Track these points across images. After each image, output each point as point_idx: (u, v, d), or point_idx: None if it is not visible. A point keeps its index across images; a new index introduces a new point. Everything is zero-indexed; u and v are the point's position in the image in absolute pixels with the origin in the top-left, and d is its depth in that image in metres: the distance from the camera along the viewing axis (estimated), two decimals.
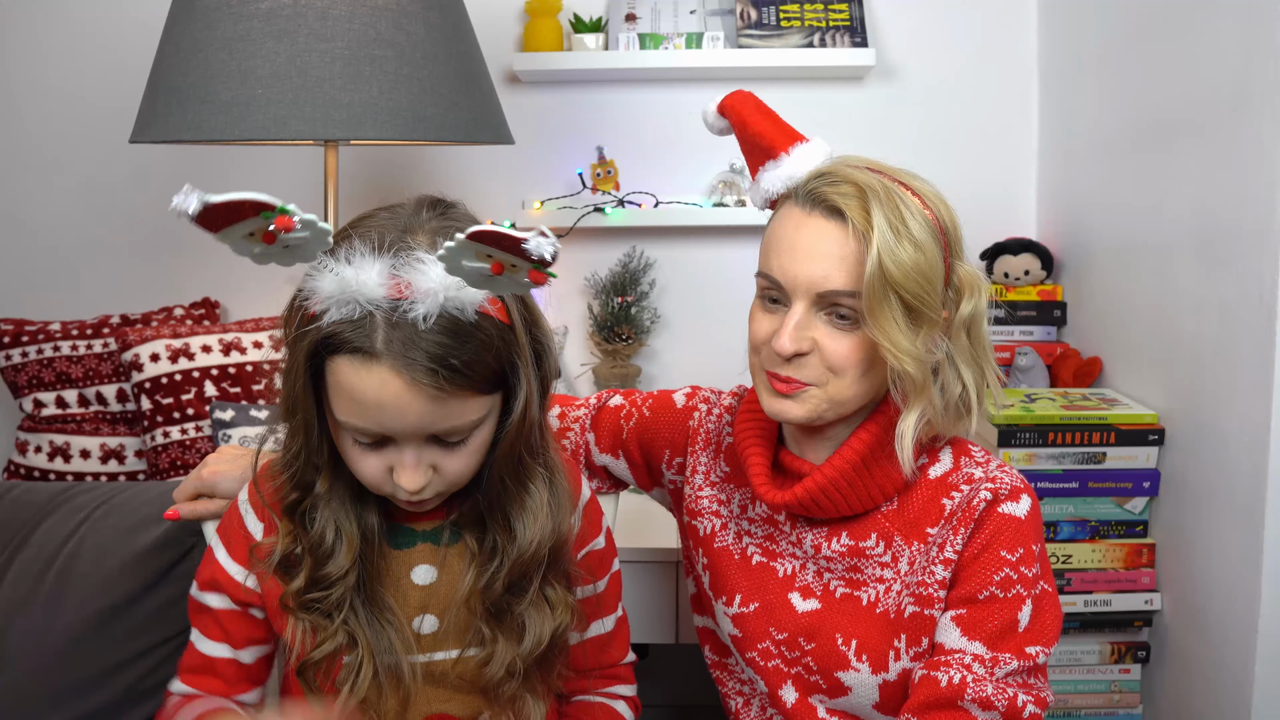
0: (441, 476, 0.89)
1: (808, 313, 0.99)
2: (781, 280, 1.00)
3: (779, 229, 1.02)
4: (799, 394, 1.01)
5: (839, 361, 0.99)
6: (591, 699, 1.11)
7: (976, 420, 1.05)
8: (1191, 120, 1.52)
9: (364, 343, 0.81)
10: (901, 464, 1.02)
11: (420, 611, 0.97)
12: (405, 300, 0.80)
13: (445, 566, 0.98)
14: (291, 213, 0.74)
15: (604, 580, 1.09)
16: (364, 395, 0.82)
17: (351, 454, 0.89)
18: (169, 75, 1.55)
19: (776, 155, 1.05)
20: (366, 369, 0.81)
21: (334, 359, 0.83)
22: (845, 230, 0.97)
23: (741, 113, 1.09)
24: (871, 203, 0.97)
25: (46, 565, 1.30)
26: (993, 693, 0.97)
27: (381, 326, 0.81)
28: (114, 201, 2.17)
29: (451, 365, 0.81)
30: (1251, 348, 1.36)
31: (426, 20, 1.58)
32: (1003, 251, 2.00)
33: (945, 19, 2.11)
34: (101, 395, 1.98)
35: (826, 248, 0.98)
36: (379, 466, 0.88)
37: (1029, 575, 1.01)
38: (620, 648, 1.13)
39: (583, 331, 2.17)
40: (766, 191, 1.06)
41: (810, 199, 1.00)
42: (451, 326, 0.81)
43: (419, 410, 0.83)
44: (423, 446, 0.87)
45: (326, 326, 0.82)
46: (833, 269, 0.97)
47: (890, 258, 0.95)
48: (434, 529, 0.98)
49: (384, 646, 0.93)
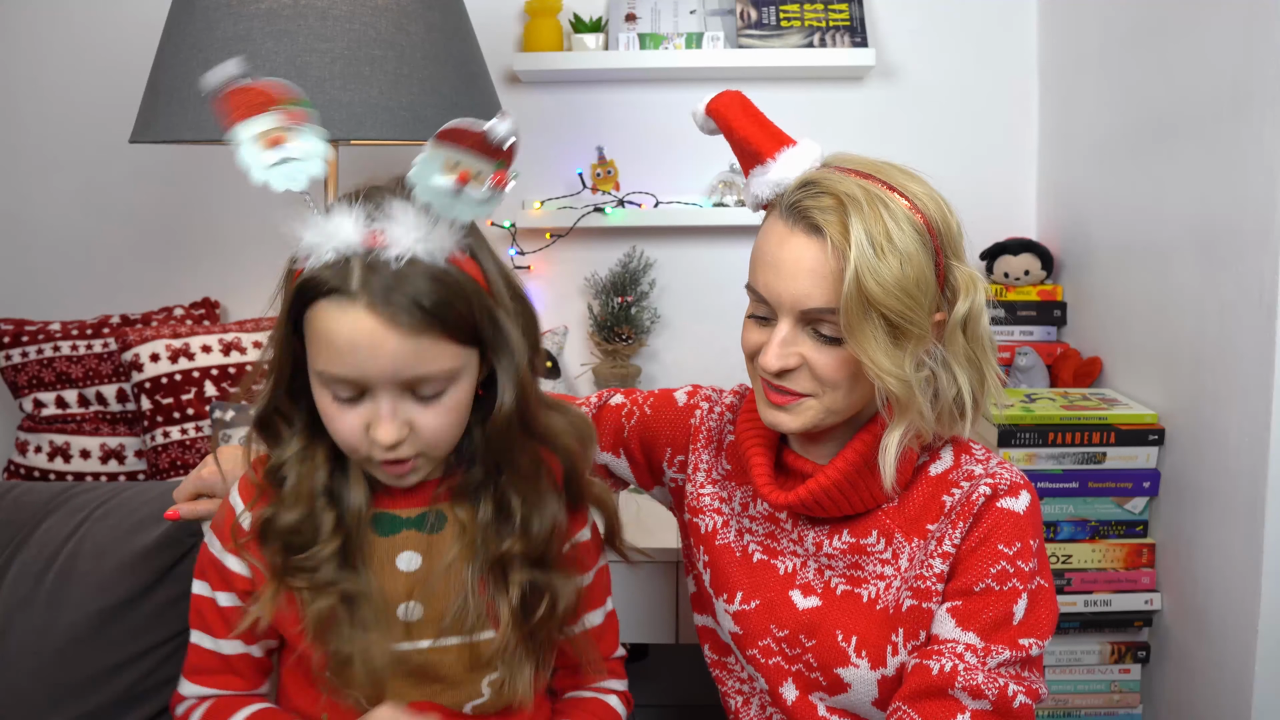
0: (418, 435, 0.90)
1: (793, 329, 1.00)
2: (766, 297, 1.01)
3: (764, 244, 1.02)
4: (794, 406, 1.02)
5: (828, 376, 1.00)
6: (583, 694, 1.11)
7: (971, 424, 1.05)
8: (1191, 120, 1.52)
9: (340, 284, 0.85)
10: (883, 478, 1.01)
11: (405, 599, 0.97)
12: (380, 247, 0.85)
13: (431, 553, 0.98)
14: (309, 107, 0.86)
15: (591, 573, 1.09)
16: (339, 336, 0.85)
17: (330, 411, 0.90)
18: (169, 75, 1.55)
19: (764, 160, 1.04)
20: (342, 310, 0.85)
21: (314, 306, 0.87)
22: (824, 248, 0.96)
23: (728, 117, 1.07)
24: (851, 217, 0.95)
25: (46, 565, 1.30)
26: (983, 682, 0.97)
27: (358, 269, 0.85)
28: (114, 201, 2.17)
29: (424, 306, 0.85)
30: (1251, 348, 1.36)
31: (426, 20, 1.58)
32: (1003, 251, 2.00)
33: (945, 19, 2.11)
34: (101, 395, 1.98)
35: (808, 265, 0.97)
36: (356, 424, 0.89)
37: (1025, 569, 1.01)
38: (610, 642, 1.13)
39: (583, 331, 2.17)
40: (756, 197, 1.06)
41: (792, 214, 0.99)
42: (425, 270, 0.86)
43: (392, 350, 0.85)
44: (398, 398, 0.89)
45: (307, 272, 0.86)
46: (813, 288, 0.97)
47: (871, 275, 0.94)
48: (419, 515, 0.98)
49: (360, 633, 0.93)
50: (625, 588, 1.16)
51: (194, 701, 1.03)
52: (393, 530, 0.98)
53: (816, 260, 0.97)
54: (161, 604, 1.31)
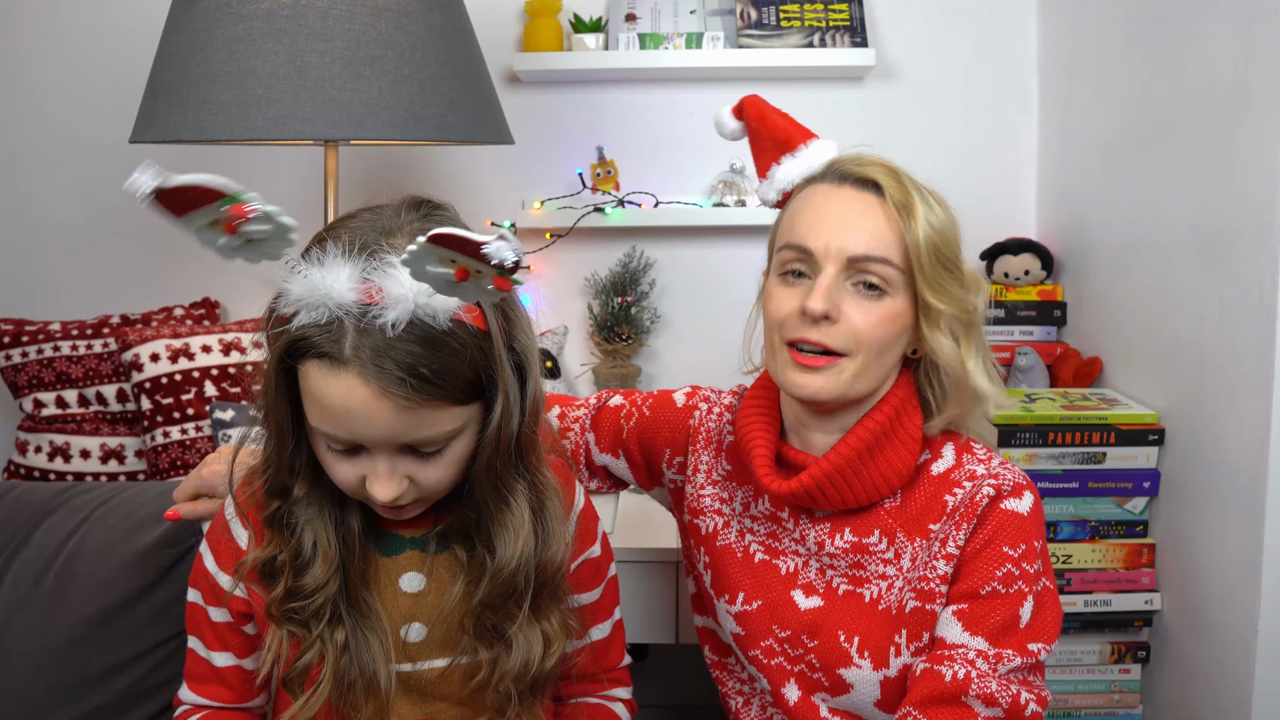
0: (417, 486, 0.87)
1: (837, 278, 1.01)
2: (812, 247, 1.01)
3: (805, 203, 1.05)
4: (827, 368, 1.01)
5: (866, 331, 1.00)
6: (589, 701, 1.11)
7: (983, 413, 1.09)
8: (1191, 120, 1.52)
9: (331, 348, 0.79)
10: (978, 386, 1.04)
11: (408, 620, 0.96)
12: (376, 306, 0.77)
13: (434, 575, 0.96)
14: (247, 200, 0.70)
15: (600, 587, 1.08)
16: (332, 401, 0.80)
17: (327, 459, 0.87)
18: (169, 75, 1.55)
19: (794, 149, 1.09)
20: (334, 375, 0.79)
21: (304, 363, 0.81)
22: (878, 200, 1.01)
23: (761, 109, 1.13)
24: (903, 178, 1.02)
25: (46, 565, 1.30)
26: (997, 689, 0.97)
27: (350, 332, 0.79)
28: (114, 201, 2.17)
29: (421, 375, 0.79)
30: (1251, 348, 1.36)
31: (426, 20, 1.58)
32: (1003, 251, 2.00)
33: (945, 19, 2.11)
34: (101, 395, 1.98)
35: (859, 215, 1.01)
36: (353, 474, 0.86)
37: (1031, 571, 1.01)
38: (617, 652, 1.12)
39: (583, 331, 2.17)
40: (783, 182, 1.09)
41: (838, 175, 1.05)
42: (423, 334, 0.79)
43: (388, 419, 0.80)
44: (396, 456, 0.85)
45: (295, 330, 0.80)
46: (863, 233, 1.00)
47: (933, 226, 1.00)
48: (422, 536, 0.96)
49: (364, 654, 0.92)
50: (625, 588, 1.16)
51: (189, 708, 1.03)
52: (396, 551, 0.96)
53: (869, 210, 1.01)
54: (161, 604, 1.31)
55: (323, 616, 0.91)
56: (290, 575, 0.91)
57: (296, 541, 0.91)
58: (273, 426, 0.88)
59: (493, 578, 0.92)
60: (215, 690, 1.02)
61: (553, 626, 0.96)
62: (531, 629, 0.94)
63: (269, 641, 0.93)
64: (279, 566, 0.92)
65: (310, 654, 0.91)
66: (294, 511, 0.92)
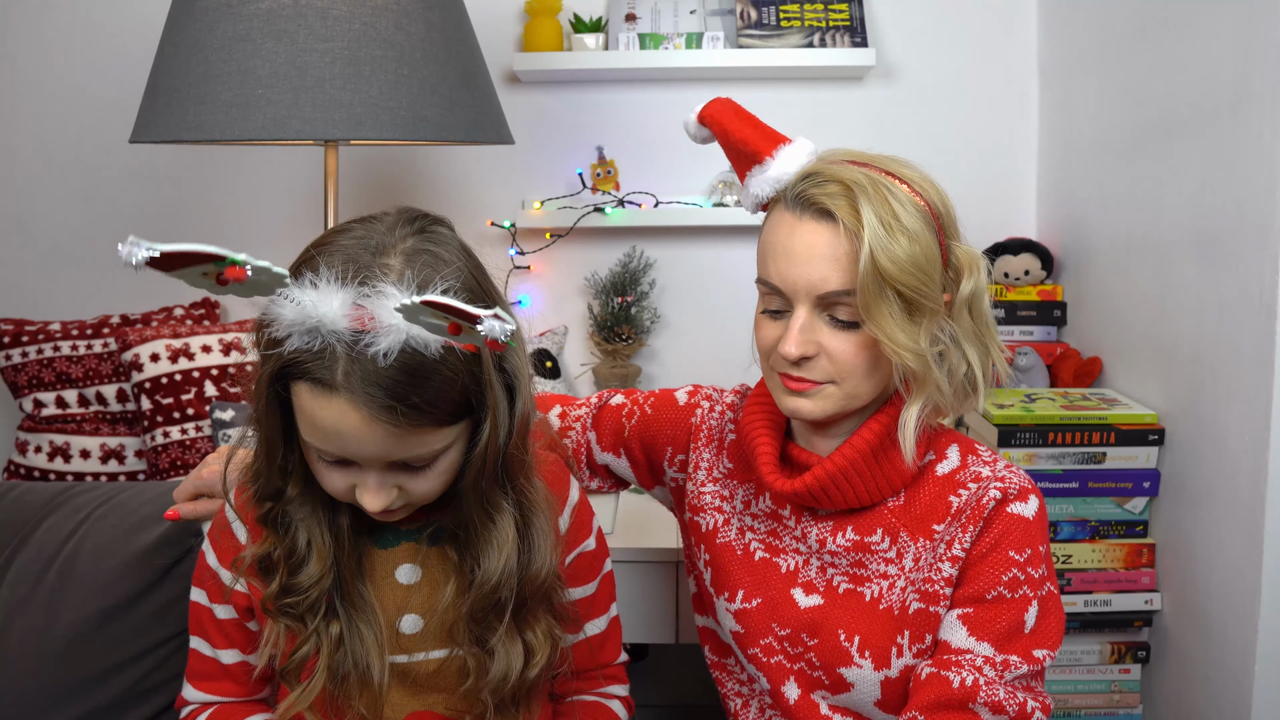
0: (407, 494, 0.89)
1: (810, 315, 1.00)
2: (781, 286, 1.01)
3: (772, 236, 1.03)
4: (814, 391, 1.02)
5: (845, 361, 1.00)
6: (586, 699, 1.11)
7: (983, 398, 1.06)
8: (1191, 120, 1.52)
9: (323, 374, 0.79)
10: (904, 453, 1.02)
11: (403, 611, 0.97)
12: (368, 332, 0.77)
13: (428, 566, 0.98)
14: (242, 264, 0.71)
15: (595, 581, 1.09)
16: (324, 424, 0.82)
17: (318, 468, 0.89)
18: (169, 75, 1.55)
19: (761, 160, 1.05)
20: (326, 399, 0.80)
21: (297, 384, 0.82)
22: (837, 231, 0.98)
23: (721, 121, 1.08)
24: (860, 199, 0.97)
25: (46, 565, 1.30)
26: (1004, 697, 0.98)
27: (342, 359, 0.79)
28: (114, 201, 2.17)
29: (412, 403, 0.80)
30: (1251, 348, 1.36)
31: (426, 20, 1.58)
32: (1003, 251, 2.00)
33: (945, 19, 2.11)
34: (101, 395, 1.98)
35: (821, 250, 0.98)
36: (344, 483, 0.88)
37: (1036, 576, 1.01)
38: (613, 648, 1.13)
39: (583, 331, 2.17)
40: (755, 196, 1.06)
41: (799, 203, 1.00)
42: (413, 363, 0.79)
43: (378, 441, 0.82)
44: (386, 470, 0.87)
45: (288, 354, 0.80)
46: (829, 271, 0.98)
47: (884, 253, 0.95)
48: (416, 527, 0.98)
49: (358, 647, 0.93)
50: (625, 588, 1.16)
51: (197, 707, 1.04)
52: (392, 543, 0.98)
53: (829, 244, 0.98)
54: (161, 604, 1.31)
55: (318, 610, 0.93)
56: (285, 572, 0.93)
57: (290, 539, 0.93)
58: (263, 439, 0.90)
59: (477, 589, 0.93)
60: (224, 686, 1.03)
61: (536, 637, 0.97)
62: (513, 641, 0.96)
63: (266, 635, 0.95)
64: (274, 562, 0.94)
65: (306, 647, 0.93)
66: (287, 511, 0.94)
